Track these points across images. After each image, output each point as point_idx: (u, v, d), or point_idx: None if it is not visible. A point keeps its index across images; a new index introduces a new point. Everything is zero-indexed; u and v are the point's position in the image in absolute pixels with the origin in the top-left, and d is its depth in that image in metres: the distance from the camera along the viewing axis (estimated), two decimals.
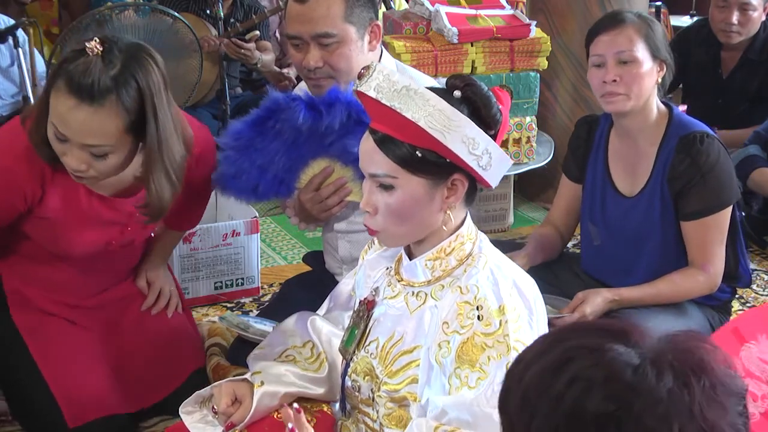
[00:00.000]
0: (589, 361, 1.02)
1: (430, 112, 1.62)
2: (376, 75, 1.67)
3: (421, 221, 1.73)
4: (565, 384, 1.01)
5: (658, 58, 2.59)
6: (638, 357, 1.01)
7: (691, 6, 6.07)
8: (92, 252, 2.41)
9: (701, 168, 2.57)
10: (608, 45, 2.59)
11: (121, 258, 2.58)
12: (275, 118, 2.39)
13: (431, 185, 1.70)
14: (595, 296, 2.60)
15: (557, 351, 1.05)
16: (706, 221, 2.60)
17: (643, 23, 2.61)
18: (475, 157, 1.65)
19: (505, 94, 1.76)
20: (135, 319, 2.62)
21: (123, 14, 4.09)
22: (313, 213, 2.47)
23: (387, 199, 1.71)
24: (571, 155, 2.88)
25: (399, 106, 1.63)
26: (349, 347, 1.87)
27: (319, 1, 2.36)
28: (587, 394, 0.99)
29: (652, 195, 2.65)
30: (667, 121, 2.64)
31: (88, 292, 2.54)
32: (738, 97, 4.12)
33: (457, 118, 1.63)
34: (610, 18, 2.68)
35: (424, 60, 3.74)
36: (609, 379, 1.00)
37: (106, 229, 2.38)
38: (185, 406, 1.97)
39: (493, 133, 1.70)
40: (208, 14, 4.92)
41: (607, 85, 2.57)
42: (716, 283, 2.65)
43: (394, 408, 1.78)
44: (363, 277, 1.97)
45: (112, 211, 2.36)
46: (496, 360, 1.64)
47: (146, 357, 2.57)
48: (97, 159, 2.12)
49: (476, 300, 1.69)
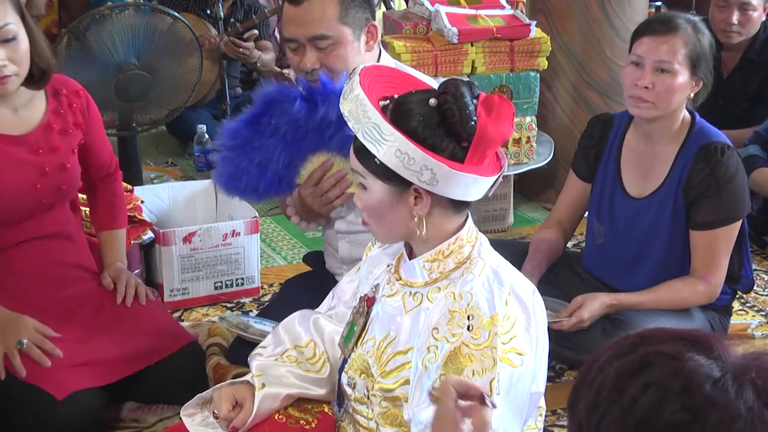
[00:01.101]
0: (668, 369, 0.99)
1: (365, 123, 1.65)
2: (349, 80, 1.72)
3: (393, 224, 1.76)
4: (640, 389, 0.98)
5: (696, 74, 2.56)
6: (719, 370, 0.98)
7: (691, 6, 6.07)
8: (22, 203, 2.46)
9: (719, 179, 2.57)
10: (651, 50, 2.55)
11: (60, 245, 2.58)
12: (270, 113, 2.39)
13: (395, 192, 1.71)
14: (593, 301, 2.60)
15: (636, 354, 1.02)
16: (716, 233, 2.60)
17: (693, 35, 2.55)
18: (412, 172, 1.64)
19: (505, 104, 1.68)
20: (105, 307, 2.64)
21: (123, 14, 4.09)
22: (315, 208, 2.47)
23: (363, 196, 1.76)
24: (582, 154, 2.86)
25: (347, 114, 1.68)
26: (348, 344, 1.87)
27: (314, 3, 2.36)
28: (662, 402, 0.97)
29: (664, 200, 2.64)
30: (689, 128, 2.63)
31: (42, 287, 2.55)
32: (738, 97, 4.12)
33: (389, 132, 1.63)
34: (663, 22, 2.61)
35: (424, 60, 3.74)
36: (686, 389, 0.97)
37: (22, 170, 2.44)
38: (186, 408, 1.97)
39: (466, 145, 1.67)
40: (208, 14, 4.93)
41: (638, 89, 2.55)
42: (715, 294, 2.66)
43: (389, 407, 1.79)
44: (365, 273, 1.97)
45: (18, 146, 2.45)
46: (480, 376, 1.64)
47: (120, 331, 2.57)
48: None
49: (468, 308, 1.68)
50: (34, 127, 2.50)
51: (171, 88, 4.37)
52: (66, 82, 2.59)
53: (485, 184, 1.71)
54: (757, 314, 3.32)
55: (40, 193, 2.49)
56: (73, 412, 2.36)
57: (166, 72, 4.28)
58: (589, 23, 4.08)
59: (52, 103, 2.54)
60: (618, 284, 2.77)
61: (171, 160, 4.89)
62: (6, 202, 2.45)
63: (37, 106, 2.52)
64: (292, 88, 2.39)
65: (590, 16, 4.07)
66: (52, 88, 2.54)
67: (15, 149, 2.46)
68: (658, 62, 2.53)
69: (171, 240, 3.20)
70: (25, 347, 2.41)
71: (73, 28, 3.88)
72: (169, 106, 4.46)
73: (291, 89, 2.39)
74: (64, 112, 2.55)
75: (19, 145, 2.47)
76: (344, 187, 2.44)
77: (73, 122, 2.57)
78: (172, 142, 5.09)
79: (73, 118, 2.57)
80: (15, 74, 2.37)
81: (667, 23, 2.57)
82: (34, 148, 2.48)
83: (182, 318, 3.22)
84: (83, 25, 3.98)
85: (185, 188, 3.65)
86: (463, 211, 1.78)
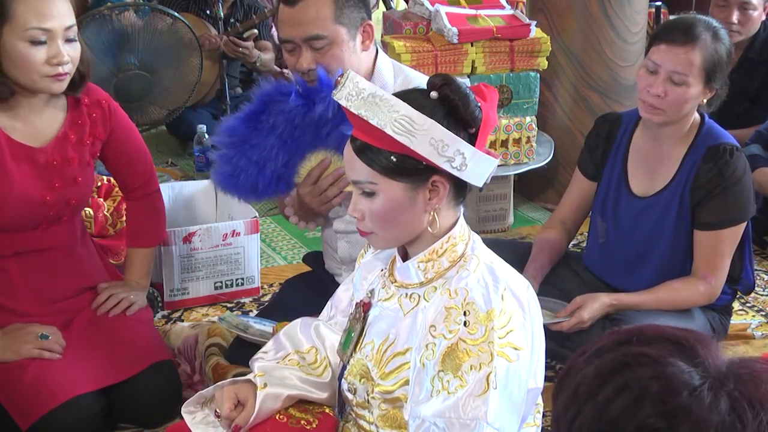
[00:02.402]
0: (648, 372, 0.97)
1: (395, 117, 1.63)
2: (348, 83, 1.69)
3: (406, 224, 1.75)
4: (616, 390, 0.97)
5: (710, 84, 2.55)
6: (699, 378, 0.97)
7: (691, 6, 6.07)
8: (29, 214, 2.44)
9: (726, 180, 2.57)
10: (667, 59, 2.52)
11: (61, 254, 2.57)
12: (268, 111, 2.39)
13: (411, 188, 1.71)
14: (593, 301, 2.60)
15: (618, 353, 1.01)
16: (720, 233, 2.60)
17: (711, 45, 2.52)
18: (446, 158, 1.66)
19: (491, 90, 1.75)
20: (88, 316, 2.61)
21: (123, 14, 4.09)
22: (313, 206, 2.46)
23: (370, 205, 1.73)
24: (589, 153, 2.86)
25: (366, 113, 1.65)
26: (346, 350, 1.87)
27: (308, 3, 2.36)
28: (637, 405, 0.95)
29: (670, 199, 2.64)
30: (698, 129, 2.63)
31: (38, 299, 2.54)
32: (738, 97, 4.11)
33: (422, 121, 1.64)
34: (682, 31, 2.54)
35: (424, 60, 3.74)
36: (662, 395, 0.95)
37: (32, 183, 2.42)
38: (187, 405, 1.96)
39: (474, 131, 1.70)
40: (208, 14, 4.93)
41: (650, 95, 2.55)
42: (716, 294, 2.66)
43: (389, 409, 1.79)
44: (360, 279, 1.97)
45: (32, 158, 2.43)
46: (477, 370, 1.64)
47: (99, 341, 2.54)
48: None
49: (465, 304, 1.69)
50: (51, 139, 2.47)
51: (171, 88, 4.37)
52: (90, 90, 2.55)
53: (493, 168, 1.74)
54: (757, 314, 3.32)
55: (48, 206, 2.47)
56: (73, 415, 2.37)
57: (166, 72, 4.29)
58: (589, 23, 4.08)
59: (71, 113, 2.51)
60: (619, 283, 2.77)
61: (171, 160, 4.89)
62: (13, 213, 2.43)
63: (56, 115, 2.49)
64: (289, 85, 2.39)
65: (590, 16, 4.06)
66: (75, 96, 2.52)
67: (28, 160, 2.44)
68: (672, 72, 2.51)
69: (171, 240, 3.20)
70: (50, 339, 2.43)
71: None
72: (169, 106, 4.47)
73: (288, 86, 2.39)
74: (82, 122, 2.52)
75: (33, 157, 2.45)
76: (342, 185, 2.43)
77: (90, 133, 2.53)
78: (172, 142, 5.09)
79: (91, 129, 2.53)
80: (70, 73, 2.39)
81: (686, 32, 2.52)
82: (49, 160, 2.46)
83: (182, 318, 3.22)
84: (83, 25, 3.98)
85: (185, 188, 3.64)
86: (458, 206, 1.79)
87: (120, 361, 2.52)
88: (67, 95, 2.49)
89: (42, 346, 2.42)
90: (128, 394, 2.51)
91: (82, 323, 2.58)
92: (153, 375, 2.53)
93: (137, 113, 4.19)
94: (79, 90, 2.48)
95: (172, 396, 2.55)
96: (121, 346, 2.56)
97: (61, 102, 2.50)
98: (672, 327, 1.06)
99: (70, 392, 2.38)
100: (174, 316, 3.23)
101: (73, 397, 2.37)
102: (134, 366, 2.53)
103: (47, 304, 2.55)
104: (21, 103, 2.42)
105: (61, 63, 2.33)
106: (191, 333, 2.87)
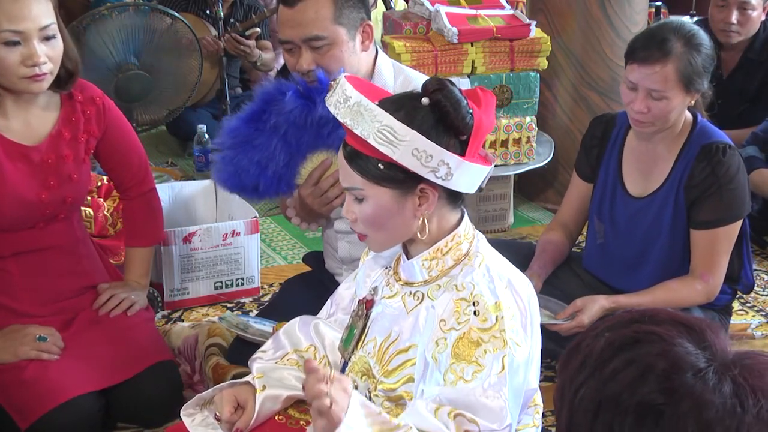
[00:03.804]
0: (655, 349, 0.99)
1: (377, 128, 1.65)
2: (338, 89, 1.71)
3: (395, 228, 1.76)
4: (623, 363, 0.99)
5: (691, 90, 2.55)
6: (705, 361, 0.99)
7: (691, 6, 6.07)
8: (25, 213, 2.44)
9: (720, 179, 2.57)
10: (643, 78, 2.51)
11: (61, 254, 2.57)
12: (270, 111, 2.39)
13: (399, 195, 1.72)
14: (593, 305, 2.60)
15: (629, 330, 1.03)
16: (717, 232, 2.60)
17: (685, 55, 2.49)
18: (430, 169, 1.66)
19: (488, 94, 1.75)
20: (89, 315, 2.61)
21: (123, 14, 4.09)
22: (315, 207, 2.47)
23: (360, 209, 1.75)
24: (584, 154, 2.87)
25: (350, 123, 1.67)
26: (348, 347, 1.88)
27: (308, 4, 2.36)
28: (641, 380, 0.97)
29: (665, 199, 2.65)
30: (691, 129, 2.63)
31: (38, 299, 2.53)
32: (738, 98, 4.12)
33: (404, 132, 1.64)
34: (652, 47, 2.51)
35: (424, 60, 3.74)
36: (667, 372, 0.97)
37: (28, 182, 2.42)
38: (186, 408, 1.96)
39: (465, 138, 1.70)
40: (208, 14, 4.93)
41: (634, 111, 2.56)
42: (714, 294, 2.66)
43: (391, 407, 1.79)
44: (363, 277, 1.98)
45: (27, 156, 2.43)
46: (492, 353, 1.67)
47: (101, 341, 2.54)
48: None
49: (472, 296, 1.71)
50: (45, 137, 2.47)
51: (171, 88, 4.37)
52: (84, 87, 2.54)
53: (485, 174, 1.74)
54: (757, 314, 3.32)
55: (44, 204, 2.47)
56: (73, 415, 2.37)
57: (166, 72, 4.29)
58: (589, 23, 4.08)
59: (64, 111, 2.50)
60: (618, 284, 2.77)
61: (171, 160, 4.89)
62: (9, 212, 2.42)
63: (49, 113, 2.49)
64: (290, 84, 2.39)
65: (590, 16, 4.06)
66: (68, 93, 2.51)
67: (23, 159, 2.44)
68: (650, 90, 2.52)
69: (171, 240, 3.20)
70: (48, 340, 2.43)
71: (73, 28, 3.87)
72: (169, 106, 4.47)
73: (288, 85, 2.39)
74: (76, 119, 2.51)
75: (27, 156, 2.44)
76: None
77: (84, 130, 2.52)
78: (172, 142, 5.09)
79: (85, 126, 2.52)
80: (50, 73, 2.37)
81: (661, 47, 2.50)
82: (43, 158, 2.45)
83: (182, 318, 3.22)
84: (83, 25, 3.99)
85: (185, 188, 3.64)
86: (458, 207, 1.80)
87: (121, 361, 2.52)
88: (56, 92, 2.48)
89: (40, 347, 2.43)
90: (129, 393, 2.51)
91: (83, 323, 2.58)
92: (154, 375, 2.54)
93: (137, 113, 4.19)
94: (68, 87, 2.47)
95: (172, 396, 2.55)
96: (123, 346, 2.56)
97: (55, 100, 2.49)
98: (684, 313, 1.08)
99: (69, 392, 2.38)
100: (174, 316, 3.23)
101: (72, 398, 2.38)
102: (135, 366, 2.53)
103: (48, 304, 2.55)
104: (10, 102, 2.42)
105: (37, 64, 2.31)
106: (191, 333, 2.87)
